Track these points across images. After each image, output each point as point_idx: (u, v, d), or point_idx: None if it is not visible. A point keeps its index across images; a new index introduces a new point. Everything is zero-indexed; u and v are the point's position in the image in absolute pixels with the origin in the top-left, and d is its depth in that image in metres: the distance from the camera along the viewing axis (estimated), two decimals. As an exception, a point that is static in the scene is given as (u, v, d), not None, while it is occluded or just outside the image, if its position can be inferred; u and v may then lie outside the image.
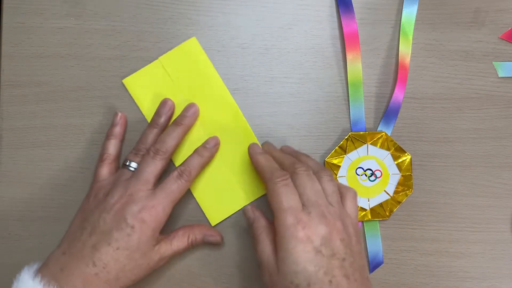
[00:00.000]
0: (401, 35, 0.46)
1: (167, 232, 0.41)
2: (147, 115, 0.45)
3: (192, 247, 0.42)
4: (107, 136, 0.44)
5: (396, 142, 0.45)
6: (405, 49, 0.46)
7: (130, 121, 0.45)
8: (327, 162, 0.45)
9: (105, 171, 0.42)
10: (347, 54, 0.45)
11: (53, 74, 0.45)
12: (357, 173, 0.45)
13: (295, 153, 0.43)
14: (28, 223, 0.44)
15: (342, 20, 0.46)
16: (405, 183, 0.45)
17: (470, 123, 0.46)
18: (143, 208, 0.38)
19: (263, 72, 0.46)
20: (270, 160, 0.41)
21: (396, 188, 0.45)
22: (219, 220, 0.45)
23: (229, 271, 0.45)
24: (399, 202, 0.45)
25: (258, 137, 0.45)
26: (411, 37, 0.46)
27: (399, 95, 0.46)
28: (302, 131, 0.46)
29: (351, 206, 0.38)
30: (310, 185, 0.37)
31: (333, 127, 0.46)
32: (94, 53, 0.45)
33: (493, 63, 0.47)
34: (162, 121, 0.43)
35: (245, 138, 0.45)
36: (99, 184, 0.41)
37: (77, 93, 0.45)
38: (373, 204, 0.45)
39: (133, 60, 0.45)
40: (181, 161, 0.42)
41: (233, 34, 0.46)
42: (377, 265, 0.45)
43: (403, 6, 0.46)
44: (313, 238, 0.34)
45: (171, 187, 0.40)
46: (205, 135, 0.44)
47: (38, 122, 0.44)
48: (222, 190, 0.45)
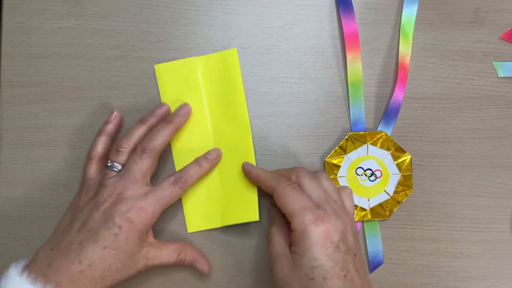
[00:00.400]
0: (401, 35, 0.46)
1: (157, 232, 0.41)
2: None
3: (178, 265, 0.41)
4: (99, 132, 0.43)
5: (396, 142, 0.45)
6: (405, 49, 0.46)
7: (128, 121, 0.45)
8: (327, 162, 0.45)
9: (93, 169, 0.42)
10: (347, 54, 0.45)
11: (53, 74, 0.45)
12: (357, 173, 0.45)
13: (279, 170, 0.44)
14: (28, 223, 0.44)
15: (342, 20, 0.46)
16: (405, 183, 0.45)
17: (470, 123, 0.46)
18: (131, 208, 0.38)
19: (263, 72, 0.46)
20: (269, 171, 0.42)
21: (396, 188, 0.45)
22: (196, 229, 0.44)
23: (229, 271, 0.45)
24: (399, 202, 0.45)
25: (258, 137, 0.45)
26: (411, 37, 0.46)
27: (399, 95, 0.46)
28: (302, 131, 0.46)
29: (349, 203, 0.40)
30: (316, 186, 0.38)
31: (333, 127, 0.46)
32: (94, 53, 0.45)
33: (493, 63, 0.47)
34: (153, 121, 0.42)
35: (246, 159, 0.44)
36: (89, 182, 0.41)
37: (77, 93, 0.45)
38: (373, 204, 0.45)
39: (133, 60, 0.45)
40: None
41: (233, 34, 0.46)
42: (377, 265, 0.45)
43: (403, 6, 0.46)
44: (332, 233, 0.35)
45: (164, 192, 0.40)
46: (213, 142, 0.44)
47: (38, 122, 0.44)
48: (208, 203, 0.44)
